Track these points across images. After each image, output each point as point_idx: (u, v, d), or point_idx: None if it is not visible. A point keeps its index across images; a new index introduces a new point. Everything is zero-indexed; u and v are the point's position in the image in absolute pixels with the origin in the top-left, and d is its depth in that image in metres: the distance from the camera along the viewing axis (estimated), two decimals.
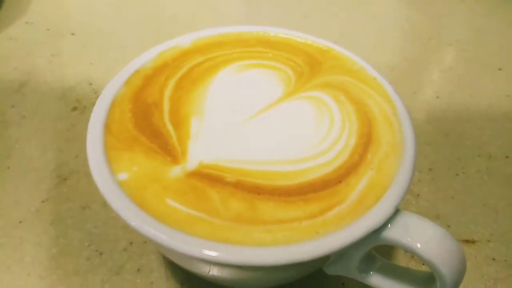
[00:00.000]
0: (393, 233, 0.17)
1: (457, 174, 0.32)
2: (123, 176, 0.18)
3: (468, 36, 0.48)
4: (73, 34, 0.45)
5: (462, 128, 0.36)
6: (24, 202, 0.29)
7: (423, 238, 0.17)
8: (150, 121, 0.20)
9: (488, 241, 0.28)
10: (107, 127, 0.20)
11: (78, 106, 0.37)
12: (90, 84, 0.39)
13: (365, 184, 0.18)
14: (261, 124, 0.20)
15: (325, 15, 0.50)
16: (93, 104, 0.38)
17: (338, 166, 0.19)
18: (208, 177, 0.18)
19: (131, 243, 0.27)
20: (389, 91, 0.22)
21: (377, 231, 0.17)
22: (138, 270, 0.26)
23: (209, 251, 0.15)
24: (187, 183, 0.18)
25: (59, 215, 0.29)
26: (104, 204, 0.29)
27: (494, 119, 0.37)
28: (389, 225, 0.17)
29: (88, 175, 0.32)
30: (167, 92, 0.22)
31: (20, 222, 0.28)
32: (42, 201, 0.29)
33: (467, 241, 0.28)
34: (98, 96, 0.23)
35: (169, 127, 0.20)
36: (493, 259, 0.27)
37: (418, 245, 0.17)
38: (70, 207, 0.29)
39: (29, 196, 0.30)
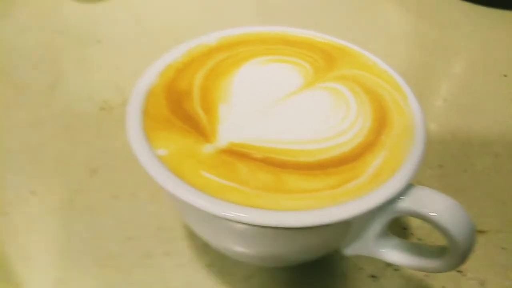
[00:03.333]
0: (409, 204, 0.19)
1: (465, 170, 0.34)
2: (162, 152, 0.20)
3: (474, 46, 0.50)
4: (99, 41, 0.48)
5: (468, 129, 0.38)
6: (57, 192, 0.31)
7: (437, 207, 0.19)
8: (183, 107, 0.22)
9: (498, 231, 0.29)
10: (144, 111, 0.22)
11: (105, 106, 0.39)
12: (117, 87, 0.41)
13: (380, 161, 0.20)
14: (283, 110, 0.22)
15: (335, 25, 0.53)
16: (120, 105, 0.40)
17: (355, 146, 0.20)
18: (237, 153, 0.20)
19: (158, 229, 0.29)
20: (400, 82, 0.24)
21: (393, 201, 0.19)
22: (167, 254, 0.28)
23: (242, 214, 0.17)
24: (219, 159, 0.19)
25: (89, 204, 0.30)
26: (133, 194, 0.31)
27: (500, 121, 0.39)
28: (405, 197, 0.19)
29: (116, 168, 0.34)
30: (197, 83, 0.24)
31: (53, 210, 0.30)
32: (74, 191, 0.31)
33: (477, 231, 0.29)
34: (124, 98, 0.24)
35: (200, 112, 0.22)
36: (503, 248, 0.28)
37: (435, 214, 0.18)
38: (100, 196, 0.31)
39: (61, 187, 0.32)
